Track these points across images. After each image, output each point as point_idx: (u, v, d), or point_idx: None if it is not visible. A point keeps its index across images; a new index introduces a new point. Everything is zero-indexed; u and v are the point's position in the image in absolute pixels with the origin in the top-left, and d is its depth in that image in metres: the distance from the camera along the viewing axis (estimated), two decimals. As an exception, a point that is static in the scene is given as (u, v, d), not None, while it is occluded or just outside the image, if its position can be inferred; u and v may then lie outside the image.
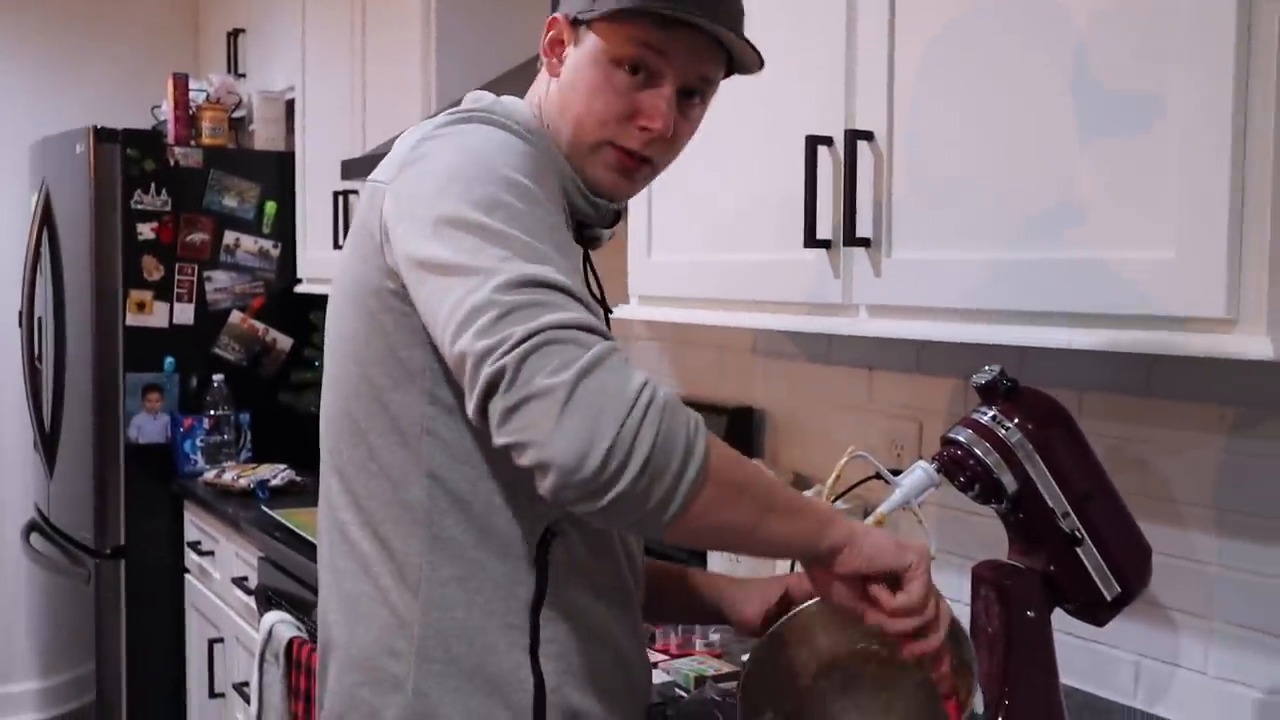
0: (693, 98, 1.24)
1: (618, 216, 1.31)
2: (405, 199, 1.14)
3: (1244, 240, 1.16)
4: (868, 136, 1.57)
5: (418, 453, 1.17)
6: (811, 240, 1.62)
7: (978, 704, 1.17)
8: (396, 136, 1.30)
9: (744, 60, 1.25)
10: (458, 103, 1.29)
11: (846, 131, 1.58)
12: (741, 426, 2.32)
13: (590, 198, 1.25)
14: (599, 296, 1.32)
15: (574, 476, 0.97)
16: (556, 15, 1.25)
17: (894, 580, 1.12)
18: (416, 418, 1.17)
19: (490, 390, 0.99)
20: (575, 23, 1.23)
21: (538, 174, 1.15)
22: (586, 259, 1.31)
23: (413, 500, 1.17)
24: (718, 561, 2.11)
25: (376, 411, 1.19)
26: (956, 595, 1.89)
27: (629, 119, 1.23)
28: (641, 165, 1.26)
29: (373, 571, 1.21)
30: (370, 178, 1.23)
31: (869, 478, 1.44)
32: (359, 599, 1.22)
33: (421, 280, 1.09)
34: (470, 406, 1.02)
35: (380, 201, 1.17)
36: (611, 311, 1.37)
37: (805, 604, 1.24)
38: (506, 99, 1.27)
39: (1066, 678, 1.67)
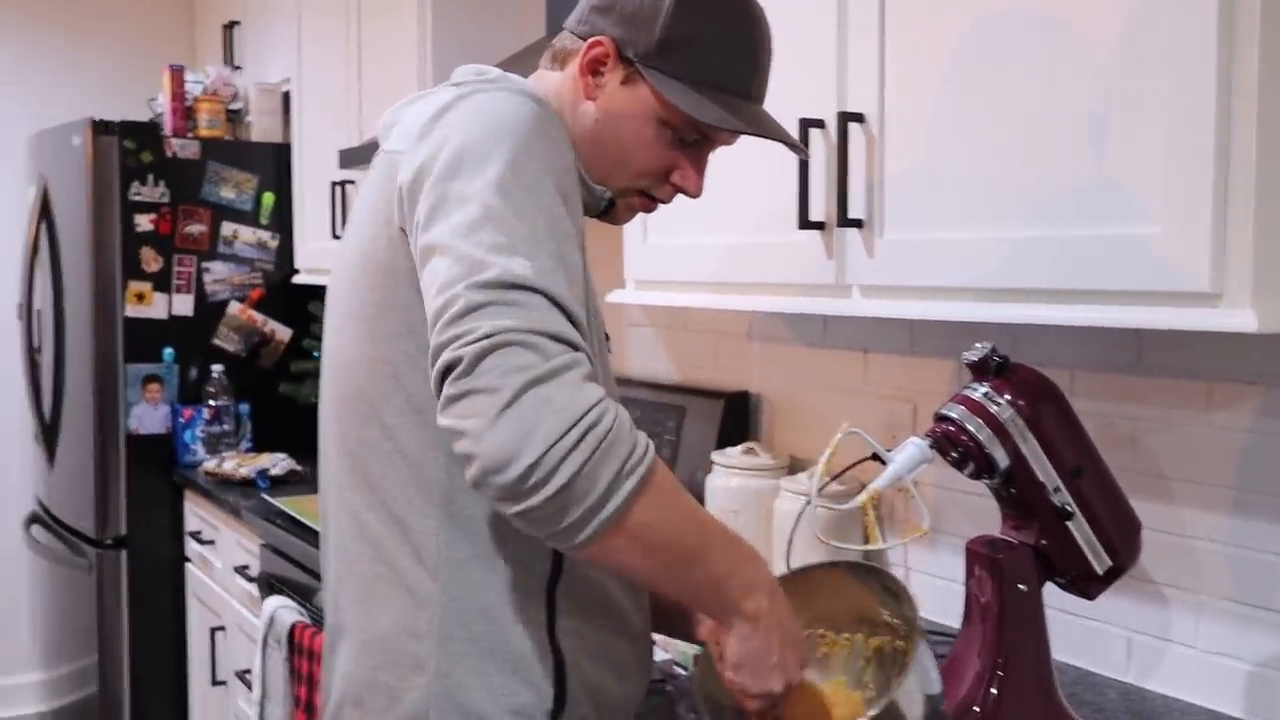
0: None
1: (611, 204, 1.30)
2: (420, 171, 1.12)
3: (1228, 214, 1.18)
4: (859, 119, 1.59)
5: (436, 432, 1.15)
6: (805, 222, 1.64)
7: (930, 682, 1.19)
8: (389, 111, 1.29)
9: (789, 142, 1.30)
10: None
11: (839, 114, 1.59)
12: (738, 411, 2.34)
13: (590, 184, 1.25)
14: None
15: (493, 478, 0.97)
16: (603, 38, 1.22)
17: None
18: (434, 397, 1.16)
19: (444, 374, 1.00)
20: (628, 61, 1.22)
21: (554, 149, 1.13)
22: None
23: (431, 480, 1.17)
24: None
25: (393, 391, 1.18)
26: (950, 573, 1.91)
27: (665, 175, 1.27)
28: (657, 206, 1.31)
29: (388, 553, 1.20)
30: (384, 148, 1.22)
31: (864, 459, 1.46)
32: (374, 581, 1.21)
33: (422, 257, 1.09)
34: (432, 385, 1.03)
35: (395, 173, 1.16)
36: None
37: None
38: (511, 75, 1.25)
39: (1061, 654, 1.69)
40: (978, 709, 1.36)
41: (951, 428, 1.37)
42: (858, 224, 1.59)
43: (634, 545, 1.03)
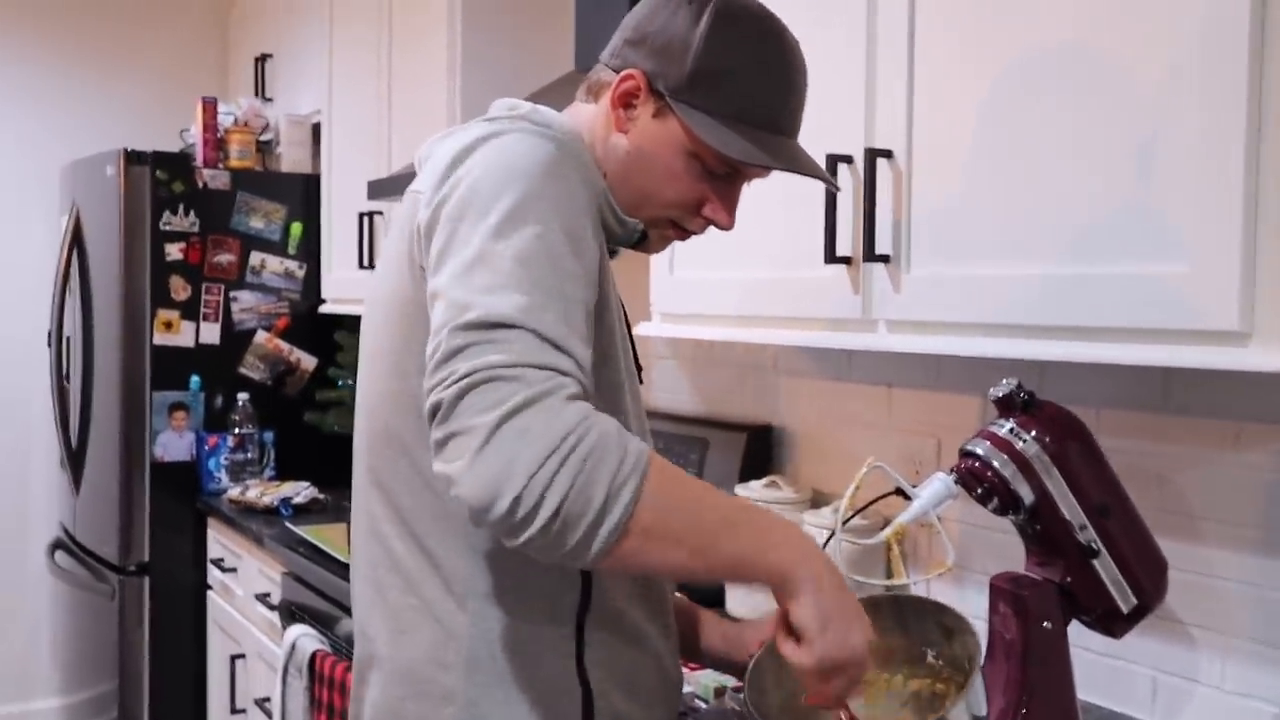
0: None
1: (644, 236, 1.30)
2: (435, 212, 1.13)
3: (1258, 253, 1.17)
4: (887, 155, 1.60)
5: None
6: (832, 257, 1.65)
7: (979, 704, 1.18)
8: (426, 144, 1.30)
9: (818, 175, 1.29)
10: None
11: (866, 150, 1.60)
12: (761, 444, 2.34)
13: (620, 216, 1.25)
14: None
15: (484, 517, 0.98)
16: (634, 71, 1.22)
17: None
18: None
19: (429, 420, 1.01)
20: (659, 94, 1.22)
21: (568, 189, 1.12)
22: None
23: (456, 511, 1.16)
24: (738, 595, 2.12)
25: (418, 425, 1.17)
26: (975, 609, 1.90)
27: (696, 207, 1.26)
28: (690, 236, 1.30)
29: (418, 584, 1.20)
30: (411, 187, 1.24)
31: (888, 494, 1.46)
32: (404, 612, 1.21)
33: (430, 303, 1.10)
34: None
35: (417, 212, 1.17)
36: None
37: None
38: (543, 109, 1.26)
39: (1085, 693, 1.68)
40: (1002, 747, 1.35)
41: (977, 463, 1.37)
42: (884, 259, 1.60)
43: (652, 544, 1.01)
